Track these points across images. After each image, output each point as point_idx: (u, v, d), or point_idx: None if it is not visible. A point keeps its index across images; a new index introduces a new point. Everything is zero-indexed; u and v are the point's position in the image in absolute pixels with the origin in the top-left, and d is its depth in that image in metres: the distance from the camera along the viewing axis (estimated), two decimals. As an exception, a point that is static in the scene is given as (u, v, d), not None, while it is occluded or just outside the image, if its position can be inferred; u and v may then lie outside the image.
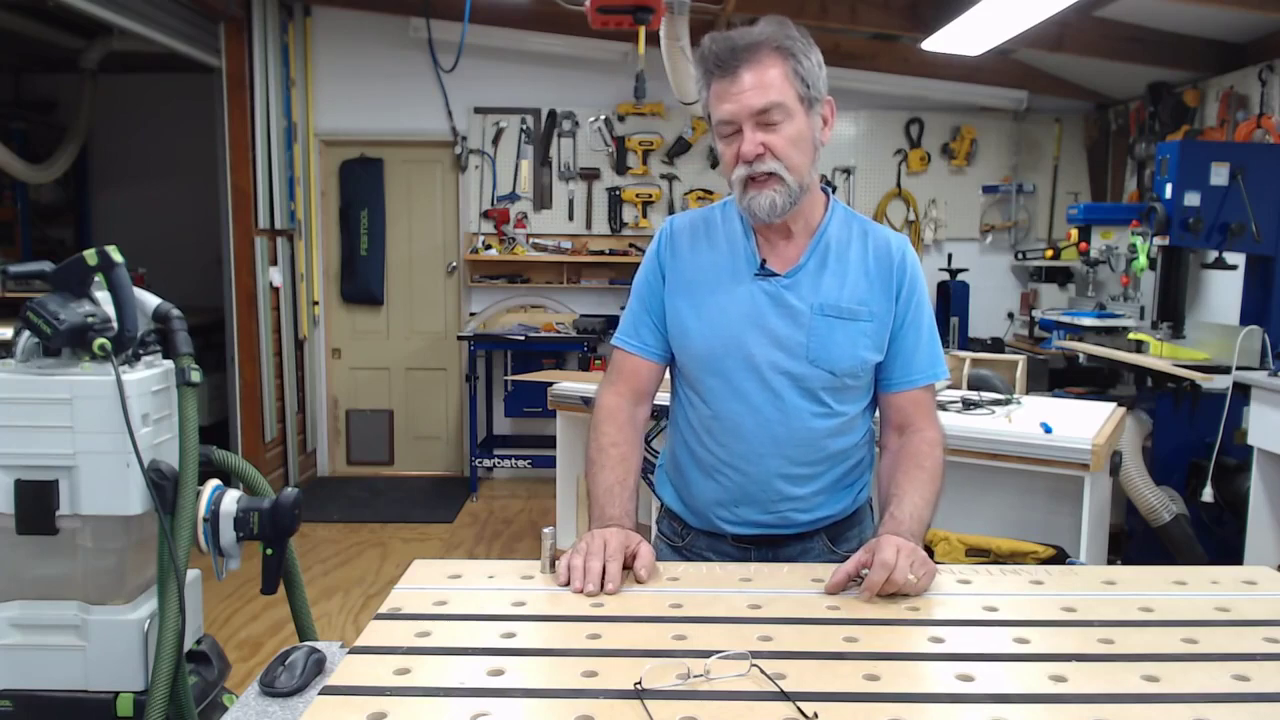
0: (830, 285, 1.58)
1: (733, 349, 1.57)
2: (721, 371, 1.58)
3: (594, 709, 0.97)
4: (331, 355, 6.19)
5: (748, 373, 1.57)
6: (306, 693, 1.10)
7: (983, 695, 1.01)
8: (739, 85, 1.47)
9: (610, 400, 1.65)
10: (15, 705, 1.42)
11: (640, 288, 1.66)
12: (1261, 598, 1.32)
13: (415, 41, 5.74)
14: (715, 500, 1.63)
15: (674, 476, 1.72)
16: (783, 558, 1.64)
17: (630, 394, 1.66)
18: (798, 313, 1.56)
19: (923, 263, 6.44)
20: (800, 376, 1.56)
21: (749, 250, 1.60)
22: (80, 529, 1.42)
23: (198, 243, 6.31)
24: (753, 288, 1.58)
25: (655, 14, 3.24)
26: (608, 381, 1.68)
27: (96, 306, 1.44)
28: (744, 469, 1.60)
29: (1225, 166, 3.78)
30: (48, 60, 6.33)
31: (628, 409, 1.65)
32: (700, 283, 1.61)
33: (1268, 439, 3.44)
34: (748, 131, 1.49)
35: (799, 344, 1.56)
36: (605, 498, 1.55)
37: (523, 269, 6.06)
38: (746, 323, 1.57)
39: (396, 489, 5.89)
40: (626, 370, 1.66)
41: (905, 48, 5.52)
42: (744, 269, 1.59)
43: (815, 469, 1.61)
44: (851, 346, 1.57)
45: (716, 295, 1.59)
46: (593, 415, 1.66)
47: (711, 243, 1.63)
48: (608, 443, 1.60)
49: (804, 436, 1.59)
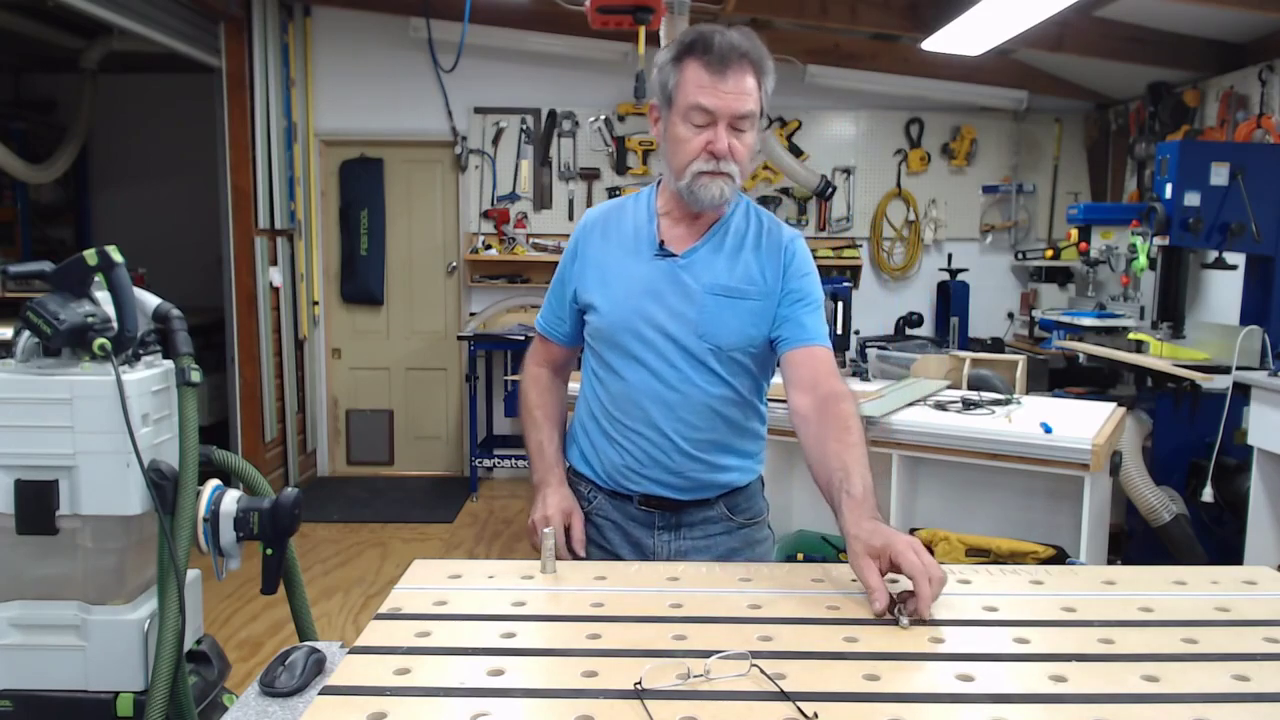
0: (722, 267, 1.69)
1: (632, 322, 1.69)
2: (622, 344, 1.71)
3: (594, 709, 0.97)
4: (331, 355, 6.19)
5: (644, 344, 1.69)
6: (306, 693, 1.10)
7: (983, 695, 1.01)
8: (726, 85, 1.55)
9: (532, 370, 1.91)
10: (15, 705, 1.42)
11: (557, 276, 1.83)
12: (1261, 598, 1.32)
13: (415, 41, 5.74)
14: (623, 464, 1.75)
15: (582, 443, 1.83)
16: (684, 523, 1.76)
17: (549, 365, 1.90)
18: (690, 290, 1.68)
19: (923, 263, 6.45)
20: (690, 348, 1.68)
21: (650, 233, 1.72)
22: (80, 529, 1.42)
23: (198, 243, 6.31)
24: (651, 266, 1.70)
25: (655, 14, 3.24)
26: (531, 354, 1.92)
27: (96, 306, 1.44)
28: (646, 434, 1.71)
29: (1225, 166, 3.78)
30: (48, 60, 6.33)
31: (546, 377, 1.89)
32: (607, 264, 1.74)
33: (1268, 439, 3.44)
34: (721, 130, 1.57)
35: (690, 319, 1.68)
36: (535, 455, 1.83)
37: (523, 269, 6.06)
38: (645, 298, 1.69)
39: (396, 489, 5.89)
40: (544, 348, 1.90)
41: (905, 48, 5.52)
42: (645, 250, 1.72)
43: (711, 435, 1.73)
44: (739, 323, 1.68)
45: (620, 274, 1.72)
46: (520, 385, 1.92)
47: (620, 228, 1.76)
48: (532, 405, 1.87)
49: (698, 403, 1.70)
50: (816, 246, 6.00)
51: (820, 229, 6.05)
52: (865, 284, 6.07)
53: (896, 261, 6.12)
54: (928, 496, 3.14)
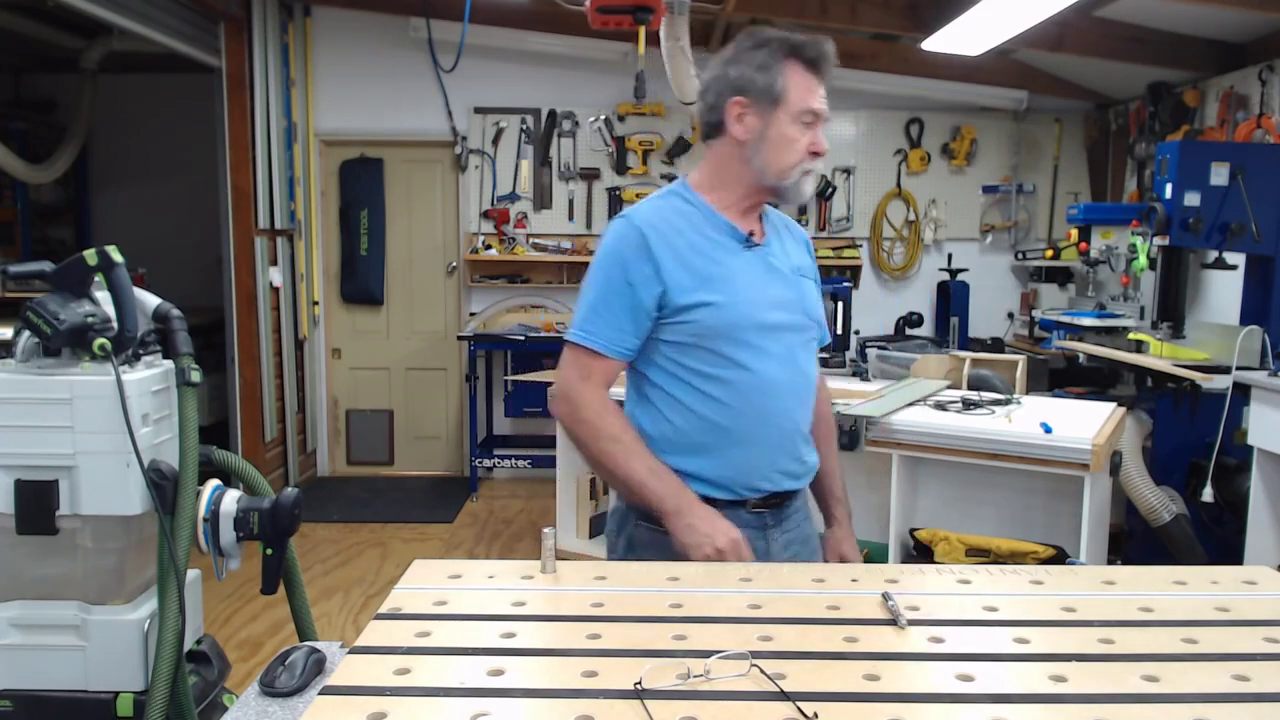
0: (790, 251, 1.79)
1: (755, 312, 1.67)
2: (744, 337, 1.66)
3: (594, 709, 0.97)
4: (331, 355, 6.19)
5: (767, 333, 1.68)
6: (306, 693, 1.10)
7: (983, 695, 1.01)
8: (822, 90, 1.67)
9: (599, 394, 1.69)
10: (15, 705, 1.42)
11: (618, 289, 1.65)
12: (1261, 598, 1.32)
13: (415, 41, 5.74)
14: (754, 463, 1.69)
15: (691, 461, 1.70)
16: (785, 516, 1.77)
17: (607, 386, 1.72)
18: (785, 275, 1.74)
19: (923, 263, 6.46)
20: (801, 330, 1.75)
21: (728, 227, 1.71)
22: (80, 529, 1.42)
23: (198, 243, 6.31)
24: (746, 258, 1.70)
25: (655, 14, 3.24)
26: (584, 379, 1.68)
27: (96, 306, 1.44)
28: (778, 423, 1.70)
29: (1225, 166, 3.78)
30: (48, 60, 6.32)
31: (613, 403, 1.71)
32: (700, 261, 1.66)
33: (1268, 439, 3.44)
34: (820, 131, 1.68)
35: (793, 301, 1.73)
36: (653, 478, 1.64)
37: (523, 269, 6.06)
38: (756, 288, 1.69)
39: (396, 489, 5.89)
40: (602, 369, 1.68)
41: (905, 48, 5.52)
42: (731, 243, 1.70)
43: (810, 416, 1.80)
44: (816, 301, 1.80)
45: (724, 267, 1.67)
46: (579, 413, 1.69)
47: (683, 227, 1.69)
48: (618, 431, 1.67)
49: (810, 384, 1.78)
50: (817, 246, 5.99)
51: (820, 229, 6.05)
52: (865, 284, 6.07)
53: (896, 261, 6.12)
54: (928, 496, 3.14)
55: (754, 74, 1.64)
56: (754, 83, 1.64)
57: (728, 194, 1.72)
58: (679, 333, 1.66)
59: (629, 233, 1.66)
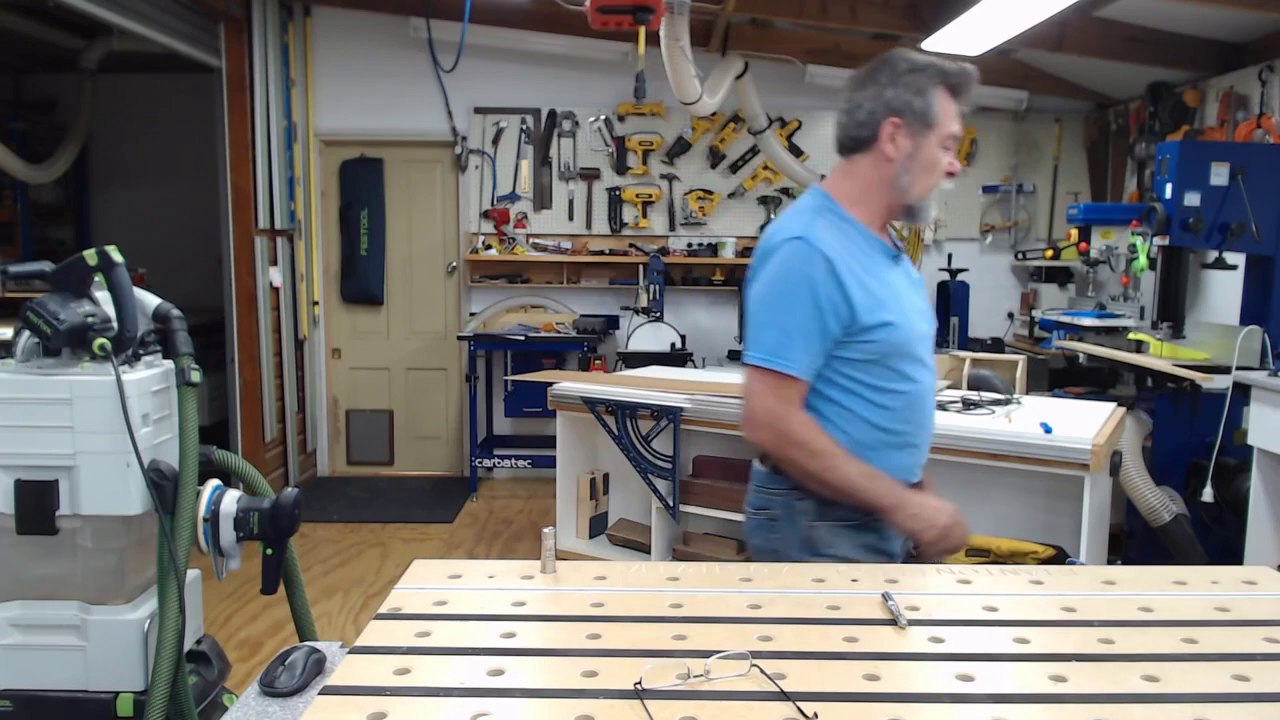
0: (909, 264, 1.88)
1: (918, 327, 1.77)
2: (913, 352, 1.75)
3: (594, 709, 0.97)
4: (331, 355, 6.19)
5: (925, 345, 1.79)
6: (306, 693, 1.10)
7: (983, 695, 1.01)
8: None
9: (802, 417, 1.72)
10: (15, 705, 1.42)
11: (809, 313, 1.66)
12: (1261, 598, 1.32)
13: (415, 41, 5.74)
14: (907, 467, 1.80)
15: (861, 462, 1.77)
16: None
17: (802, 410, 1.74)
18: (919, 285, 1.85)
19: (923, 263, 6.45)
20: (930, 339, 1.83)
21: (879, 243, 1.77)
22: (80, 529, 1.42)
23: (198, 243, 6.30)
24: (897, 272, 1.78)
25: (655, 14, 3.23)
26: (784, 403, 1.70)
27: (96, 306, 1.44)
28: (928, 427, 1.83)
29: (1225, 166, 3.78)
30: (48, 60, 6.32)
31: (813, 420, 1.74)
32: (872, 280, 1.71)
33: (1268, 439, 3.44)
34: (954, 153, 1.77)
35: (928, 310, 1.84)
36: (869, 480, 1.71)
37: (523, 269, 6.06)
38: (907, 303, 1.76)
39: (396, 489, 5.89)
40: (799, 392, 1.71)
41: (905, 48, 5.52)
42: (883, 259, 1.76)
43: None
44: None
45: (890, 286, 1.74)
46: (792, 437, 1.71)
47: (848, 244, 1.72)
48: (829, 446, 1.71)
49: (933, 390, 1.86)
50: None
51: (820, 229, 6.05)
52: (865, 284, 6.07)
53: (896, 261, 6.12)
54: (928, 496, 3.13)
55: (911, 97, 1.71)
56: (910, 105, 1.71)
57: (870, 209, 1.77)
58: (861, 351, 1.70)
59: (813, 256, 1.66)
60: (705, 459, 3.69)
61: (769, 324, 1.69)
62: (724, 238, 5.93)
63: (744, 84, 5.33)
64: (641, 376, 4.14)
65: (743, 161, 5.94)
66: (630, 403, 3.59)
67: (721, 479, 3.57)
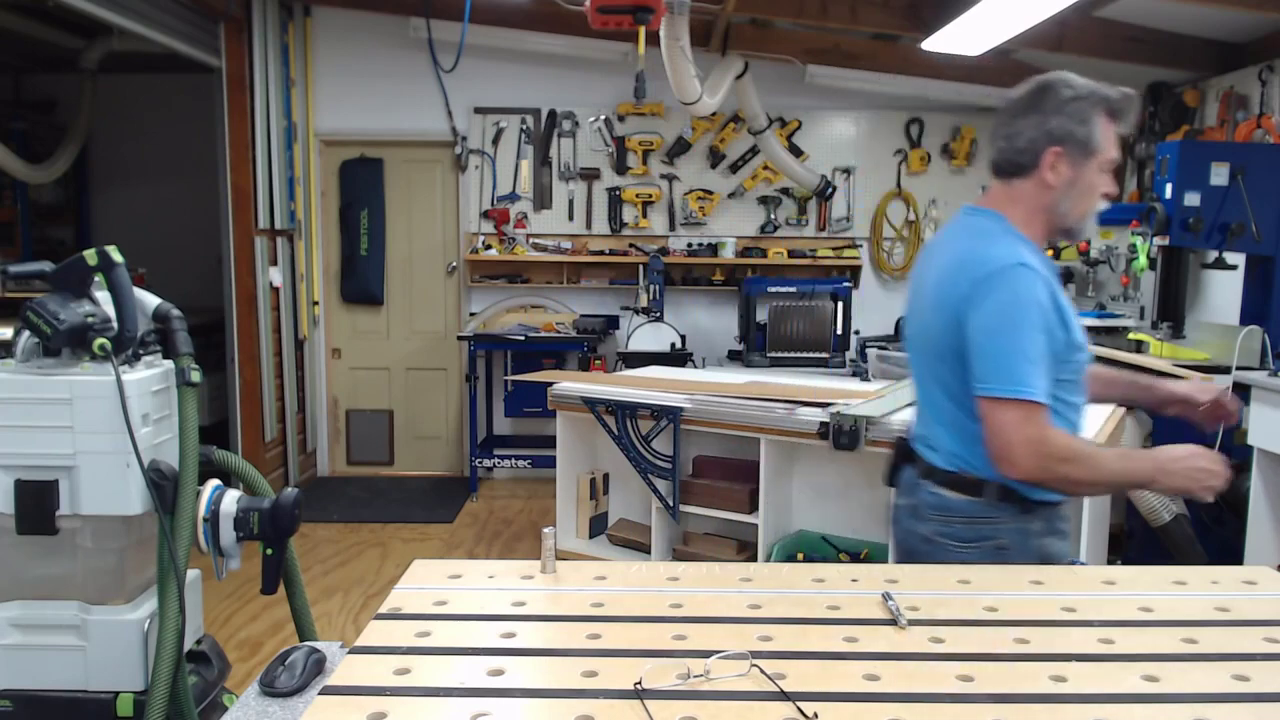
0: None
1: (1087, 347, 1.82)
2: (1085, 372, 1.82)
3: (594, 709, 0.97)
4: (331, 355, 6.19)
5: None
6: (306, 693, 1.10)
7: (983, 695, 1.01)
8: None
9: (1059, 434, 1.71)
10: (15, 705, 1.42)
11: (1040, 338, 1.68)
12: (1261, 598, 1.32)
13: (415, 41, 5.74)
14: None
15: None
16: None
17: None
18: None
19: (923, 263, 6.39)
20: None
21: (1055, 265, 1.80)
22: (80, 529, 1.42)
23: (198, 243, 6.31)
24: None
25: (655, 14, 3.23)
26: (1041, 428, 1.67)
27: (96, 306, 1.44)
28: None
29: (1225, 166, 3.78)
30: (48, 60, 6.32)
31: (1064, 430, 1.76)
32: (1065, 303, 1.75)
33: (1268, 439, 3.44)
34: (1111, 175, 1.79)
35: None
36: (1129, 460, 1.80)
37: (523, 269, 6.06)
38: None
39: (396, 489, 5.89)
40: (1046, 415, 1.68)
41: (905, 48, 5.52)
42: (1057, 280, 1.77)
43: None
44: None
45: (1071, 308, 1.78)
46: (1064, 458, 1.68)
47: (1049, 267, 1.76)
48: (1090, 450, 1.76)
49: None
50: (817, 246, 6.01)
51: (820, 229, 6.05)
52: (865, 284, 6.07)
53: (896, 261, 6.12)
54: (928, 496, 3.13)
55: (1074, 126, 1.74)
56: (1073, 134, 1.73)
57: (1036, 232, 1.80)
58: (1065, 371, 1.73)
59: (1038, 283, 1.69)
60: (705, 459, 3.69)
61: (1010, 353, 1.66)
62: (724, 238, 5.93)
63: (744, 84, 5.33)
64: (641, 376, 4.14)
65: (743, 161, 5.94)
66: (630, 403, 3.59)
67: (721, 479, 3.57)
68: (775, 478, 3.38)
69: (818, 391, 3.44)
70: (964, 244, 1.79)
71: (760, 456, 3.30)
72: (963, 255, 1.75)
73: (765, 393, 3.46)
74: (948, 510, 1.77)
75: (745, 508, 3.44)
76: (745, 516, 3.43)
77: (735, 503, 3.46)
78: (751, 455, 3.37)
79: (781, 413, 3.23)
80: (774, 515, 3.38)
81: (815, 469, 3.46)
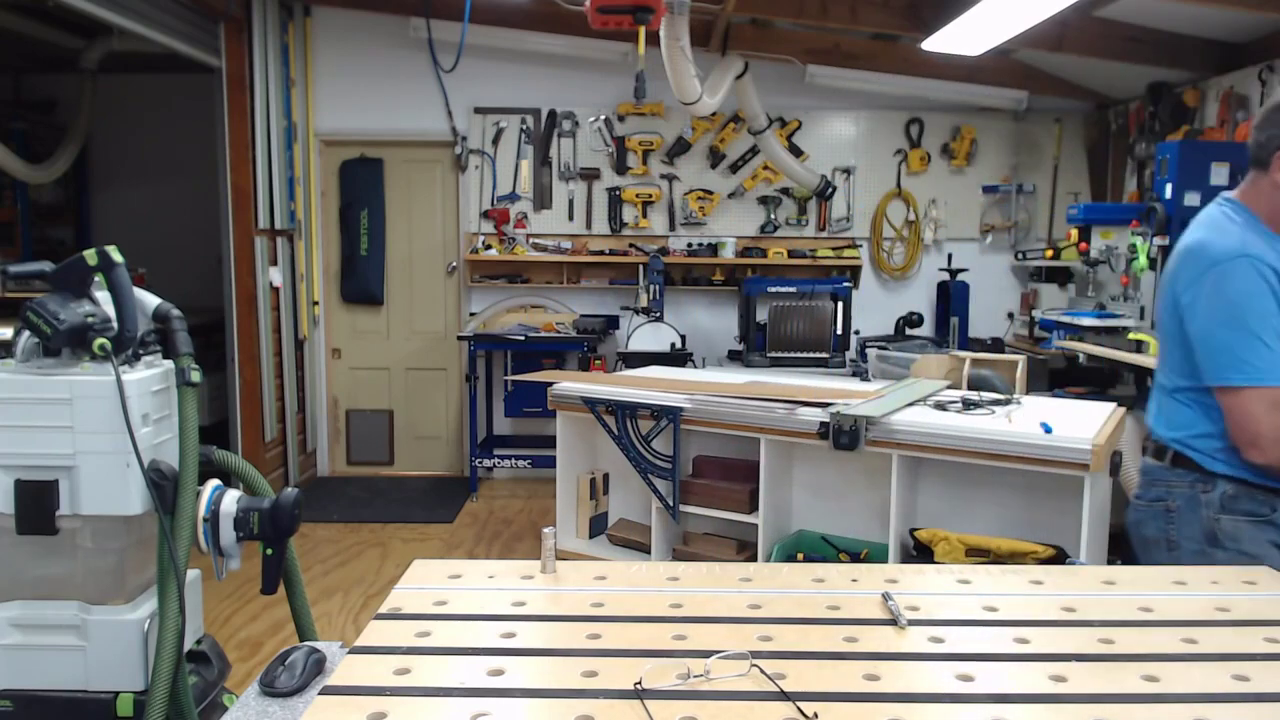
0: None
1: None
2: None
3: (594, 709, 0.97)
4: (331, 355, 6.19)
5: None
6: (306, 693, 1.10)
7: (983, 695, 1.01)
8: None
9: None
10: (15, 705, 1.42)
11: (1272, 324, 1.76)
12: (1261, 598, 1.32)
13: (415, 41, 5.74)
14: None
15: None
16: None
17: None
18: None
19: (923, 263, 6.44)
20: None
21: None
22: (80, 529, 1.42)
23: (198, 243, 6.31)
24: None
25: (655, 14, 3.23)
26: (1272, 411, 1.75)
27: (96, 306, 1.44)
28: None
29: (1225, 166, 3.79)
30: (48, 60, 6.33)
31: None
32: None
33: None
34: None
35: None
36: None
37: (523, 269, 6.06)
38: None
39: (396, 489, 5.89)
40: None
41: (905, 48, 5.52)
42: None
43: None
44: None
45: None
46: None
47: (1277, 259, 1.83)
48: None
49: None
50: (816, 246, 6.01)
51: (820, 229, 6.05)
52: (865, 284, 6.07)
53: (896, 261, 6.12)
54: (928, 496, 3.14)
55: None
56: None
57: (1274, 225, 1.89)
58: None
59: (1264, 271, 1.78)
60: (705, 459, 3.69)
61: (1249, 342, 1.75)
62: (724, 238, 5.93)
63: (744, 84, 5.33)
64: (641, 376, 4.14)
65: (743, 161, 5.94)
66: (630, 403, 3.59)
67: (721, 479, 3.57)
68: (775, 478, 3.38)
69: (818, 391, 3.44)
70: (1197, 234, 1.91)
71: (760, 456, 3.30)
72: (1192, 245, 1.88)
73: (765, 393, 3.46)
74: (1144, 471, 1.99)
75: (745, 508, 3.43)
76: (745, 516, 3.43)
77: (735, 503, 3.46)
78: (751, 455, 3.37)
79: (781, 413, 3.23)
80: (774, 515, 3.38)
81: (815, 469, 3.46)
